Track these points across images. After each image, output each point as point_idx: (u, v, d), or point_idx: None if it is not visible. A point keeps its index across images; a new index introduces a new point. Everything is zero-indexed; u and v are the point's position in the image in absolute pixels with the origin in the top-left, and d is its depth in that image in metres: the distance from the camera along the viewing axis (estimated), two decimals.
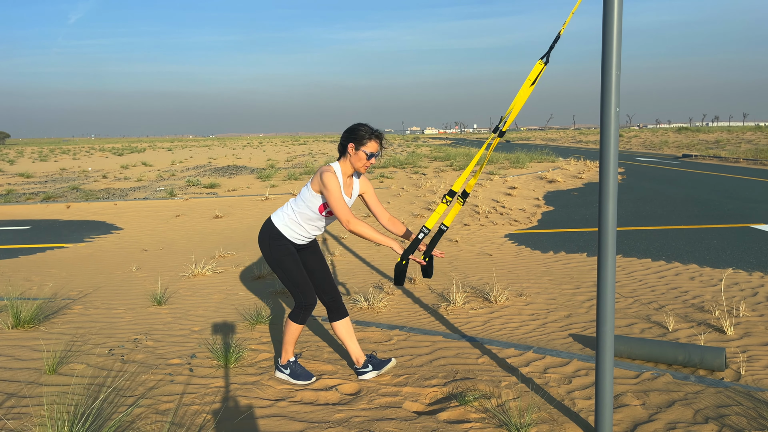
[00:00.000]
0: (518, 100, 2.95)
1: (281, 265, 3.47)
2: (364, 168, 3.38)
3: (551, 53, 2.95)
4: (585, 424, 2.98)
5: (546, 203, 12.56)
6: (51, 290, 6.23)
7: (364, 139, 3.32)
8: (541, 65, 2.90)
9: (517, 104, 2.96)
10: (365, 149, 3.32)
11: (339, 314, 3.65)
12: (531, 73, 2.90)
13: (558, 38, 2.78)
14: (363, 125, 3.35)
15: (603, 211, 2.58)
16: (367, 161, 3.34)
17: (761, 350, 4.07)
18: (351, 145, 3.34)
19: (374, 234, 3.20)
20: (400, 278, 3.18)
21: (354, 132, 3.34)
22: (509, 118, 3.03)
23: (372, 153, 3.33)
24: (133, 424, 3.01)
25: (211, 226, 10.82)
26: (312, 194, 3.40)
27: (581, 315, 5.01)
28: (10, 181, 21.41)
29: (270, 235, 3.49)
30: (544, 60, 2.89)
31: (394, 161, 22.56)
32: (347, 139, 3.35)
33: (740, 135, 42.42)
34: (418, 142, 59.70)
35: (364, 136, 3.32)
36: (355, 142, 3.32)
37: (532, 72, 2.90)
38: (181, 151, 51.31)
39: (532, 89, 2.93)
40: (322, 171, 3.31)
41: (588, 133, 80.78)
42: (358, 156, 3.33)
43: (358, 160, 3.34)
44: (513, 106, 2.98)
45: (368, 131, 3.33)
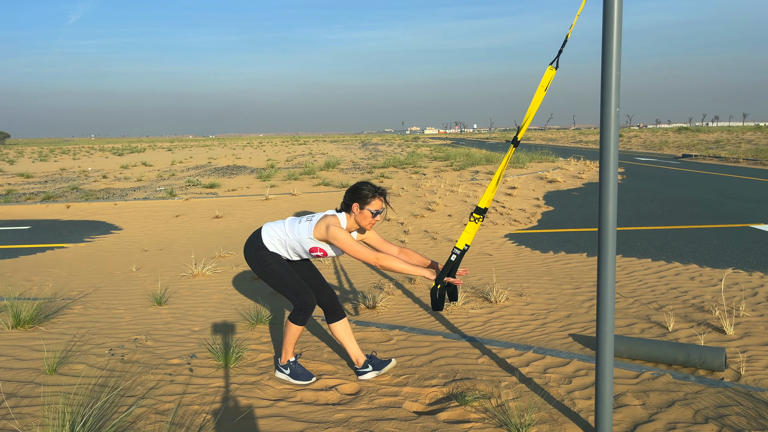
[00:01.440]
0: (533, 107, 2.95)
1: (270, 273, 3.48)
2: (370, 226, 3.40)
3: (560, 58, 2.95)
4: (585, 424, 2.98)
5: (546, 203, 12.56)
6: (51, 290, 6.23)
7: (368, 198, 3.34)
8: (552, 71, 2.90)
9: (531, 111, 2.96)
10: (370, 208, 3.35)
11: (336, 316, 3.66)
12: (543, 80, 2.91)
13: (566, 42, 2.79)
14: (365, 184, 3.38)
15: (603, 211, 2.58)
16: (372, 219, 3.36)
17: (761, 350, 4.07)
18: (356, 205, 3.36)
19: (405, 267, 3.21)
20: (439, 303, 3.18)
21: (358, 192, 3.36)
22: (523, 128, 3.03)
23: (377, 211, 3.36)
24: (133, 424, 3.01)
25: (211, 226, 10.82)
26: (310, 237, 3.41)
27: (581, 315, 5.01)
28: (10, 181, 21.41)
29: (256, 246, 3.52)
30: (554, 65, 2.89)
31: (394, 161, 22.56)
32: (351, 199, 3.37)
33: (740, 135, 42.42)
34: (418, 142, 59.71)
35: (368, 195, 3.34)
36: (360, 202, 3.35)
37: (544, 78, 2.90)
38: (181, 151, 51.31)
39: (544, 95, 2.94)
40: (328, 225, 3.32)
41: (588, 133, 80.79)
42: (364, 215, 3.36)
43: (363, 219, 3.37)
44: (528, 114, 2.98)
45: (371, 190, 3.36)
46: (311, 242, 3.42)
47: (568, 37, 2.79)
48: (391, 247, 3.54)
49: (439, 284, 3.15)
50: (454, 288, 3.22)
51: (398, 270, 3.21)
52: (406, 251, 3.54)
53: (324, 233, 3.34)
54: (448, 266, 3.15)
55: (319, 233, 3.37)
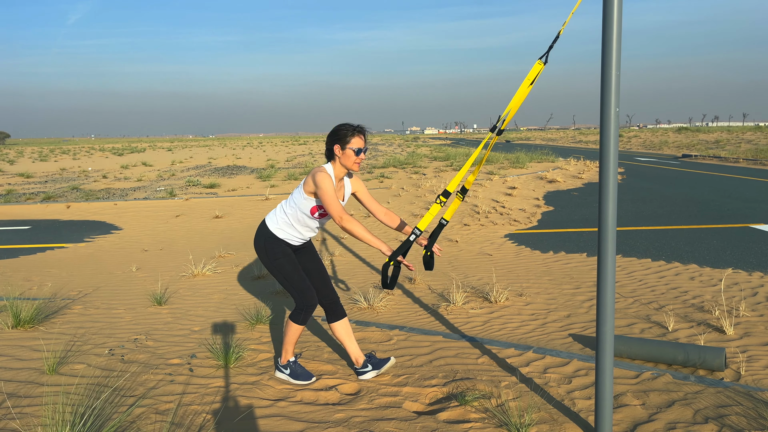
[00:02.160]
0: (516, 99, 2.96)
1: (278, 268, 3.47)
2: (356, 165, 3.37)
3: (550, 53, 2.98)
4: (585, 424, 2.98)
5: (546, 203, 12.56)
6: (51, 290, 6.23)
7: (348, 137, 3.32)
8: (540, 65, 2.90)
9: (515, 104, 2.97)
10: (351, 146, 3.32)
11: (337, 315, 3.65)
12: (530, 73, 2.91)
13: (557, 38, 2.79)
14: (344, 124, 3.37)
15: (603, 211, 2.58)
16: (356, 157, 3.34)
17: (761, 350, 4.07)
18: (336, 147, 3.34)
19: (365, 234, 3.19)
20: (389, 281, 3.17)
21: (336, 133, 3.35)
22: (507, 117, 3.04)
23: (359, 148, 3.34)
24: (133, 424, 3.01)
25: (211, 226, 10.82)
26: (304, 197, 3.40)
27: (581, 315, 5.01)
28: (10, 181, 21.41)
29: (265, 238, 3.50)
30: (543, 60, 2.90)
31: (394, 161, 22.56)
32: (331, 141, 3.36)
33: (740, 135, 42.42)
34: (418, 142, 59.71)
35: (346, 134, 3.33)
36: (340, 143, 3.33)
37: (531, 72, 2.90)
38: (181, 151, 51.30)
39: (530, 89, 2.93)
40: (314, 172, 3.32)
41: (588, 133, 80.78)
42: (347, 155, 3.34)
43: (347, 159, 3.34)
44: (511, 105, 2.98)
45: (350, 128, 3.34)
46: (307, 202, 3.39)
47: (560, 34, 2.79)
48: (378, 207, 3.55)
49: (392, 261, 3.13)
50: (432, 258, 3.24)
51: (357, 236, 3.18)
52: (391, 214, 3.55)
53: (311, 183, 3.32)
54: (405, 246, 3.14)
55: (308, 187, 3.36)
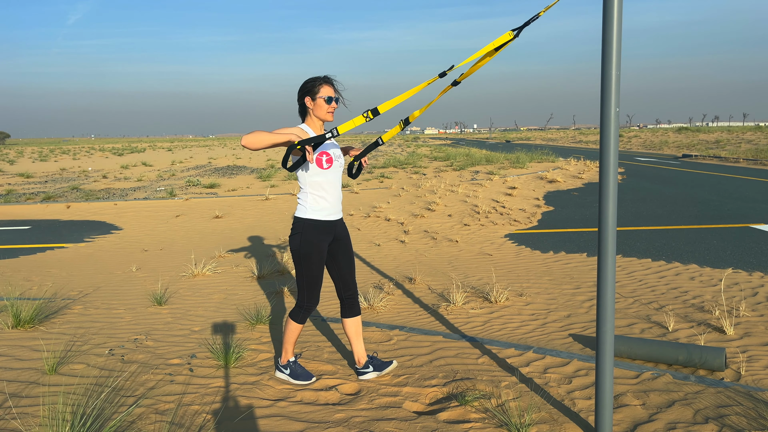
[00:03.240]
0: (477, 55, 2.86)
1: (305, 261, 3.40)
2: (330, 115, 3.35)
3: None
4: (585, 424, 2.98)
5: (546, 203, 12.56)
6: (51, 290, 6.23)
7: (316, 86, 3.32)
8: (509, 35, 2.82)
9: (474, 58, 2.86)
10: (321, 95, 3.31)
11: (353, 312, 3.65)
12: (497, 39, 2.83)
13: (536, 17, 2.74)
14: (310, 78, 3.36)
15: (603, 211, 2.58)
16: (328, 106, 3.33)
17: (761, 350, 4.07)
18: (307, 99, 3.34)
19: (267, 135, 3.07)
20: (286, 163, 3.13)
21: (304, 86, 3.35)
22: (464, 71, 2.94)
23: (330, 96, 3.32)
24: (133, 424, 3.01)
25: (211, 226, 10.82)
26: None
27: (581, 315, 5.01)
28: (10, 181, 21.41)
29: (303, 229, 3.39)
30: (515, 33, 2.83)
31: (394, 161, 22.56)
32: (301, 95, 3.36)
33: (740, 135, 42.42)
34: (418, 142, 59.71)
35: (315, 84, 3.32)
36: (310, 94, 3.33)
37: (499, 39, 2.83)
38: (181, 151, 51.30)
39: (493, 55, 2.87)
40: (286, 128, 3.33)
41: (588, 133, 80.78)
42: (318, 104, 3.32)
43: (320, 109, 3.33)
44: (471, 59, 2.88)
45: (317, 79, 3.34)
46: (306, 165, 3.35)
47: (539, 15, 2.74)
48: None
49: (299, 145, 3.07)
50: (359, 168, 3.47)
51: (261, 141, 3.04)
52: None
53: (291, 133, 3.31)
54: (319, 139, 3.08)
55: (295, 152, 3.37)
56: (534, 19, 2.75)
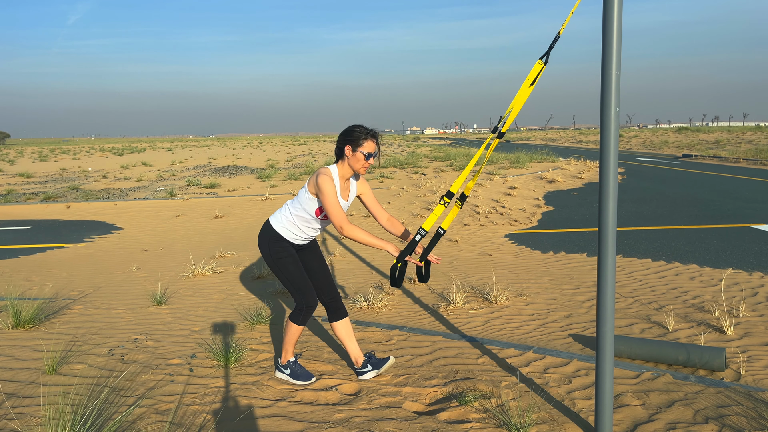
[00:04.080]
0: (518, 100, 2.95)
1: (281, 267, 3.46)
2: (364, 169, 3.35)
3: (551, 53, 2.96)
4: (585, 424, 2.98)
5: (546, 203, 12.56)
6: (51, 290, 6.23)
7: (360, 140, 3.29)
8: (540, 65, 2.90)
9: (516, 104, 2.97)
10: (362, 150, 3.29)
11: (338, 315, 3.65)
12: (530, 73, 2.90)
13: (557, 38, 2.79)
14: (358, 126, 3.33)
15: (603, 211, 2.58)
16: (365, 162, 3.31)
17: (761, 350, 4.07)
18: (348, 147, 3.32)
19: (369, 238, 3.17)
20: (397, 280, 3.17)
21: (350, 134, 3.31)
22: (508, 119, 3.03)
23: (370, 153, 3.31)
24: (133, 424, 3.01)
25: (211, 226, 10.82)
26: (309, 197, 3.38)
27: (581, 315, 5.01)
28: (10, 181, 21.41)
29: (269, 238, 3.49)
30: (543, 60, 2.89)
31: (394, 161, 22.56)
32: (343, 141, 3.33)
33: (740, 135, 42.42)
34: (418, 142, 59.70)
35: (360, 136, 3.29)
36: (352, 144, 3.30)
37: (532, 72, 2.90)
38: (181, 151, 51.31)
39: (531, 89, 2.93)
40: (318, 173, 3.29)
41: (588, 133, 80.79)
42: (356, 157, 3.31)
43: (356, 162, 3.32)
44: (512, 106, 2.98)
45: (364, 131, 3.31)
46: (311, 203, 3.38)
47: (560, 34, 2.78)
48: (382, 212, 3.53)
49: (399, 262, 3.13)
50: (427, 268, 3.24)
51: (361, 240, 3.16)
52: (394, 222, 3.53)
53: (315, 184, 3.30)
54: (411, 246, 3.14)
55: (311, 187, 3.35)
56: (555, 40, 2.79)
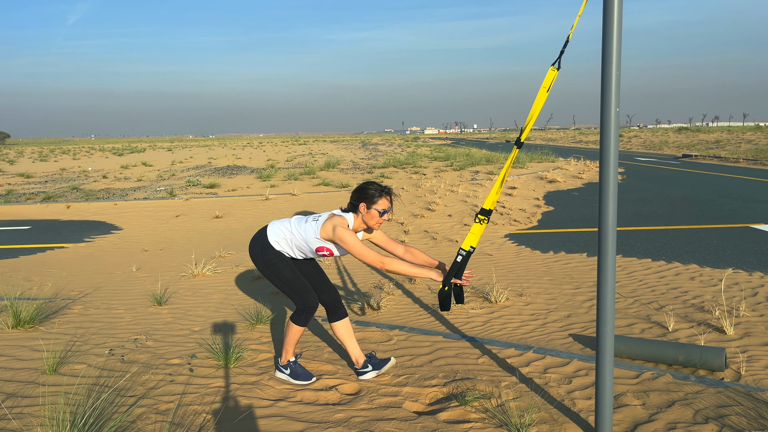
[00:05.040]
0: (535, 108, 2.94)
1: (276, 273, 3.48)
2: (378, 225, 3.41)
3: (562, 58, 2.97)
4: (585, 424, 2.98)
5: (546, 203, 12.56)
6: (51, 290, 6.23)
7: (375, 197, 3.35)
8: (553, 72, 2.89)
9: (534, 112, 2.96)
10: (377, 207, 3.36)
11: (338, 315, 3.65)
12: (545, 81, 2.91)
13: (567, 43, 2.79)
14: (371, 183, 3.40)
15: (603, 211, 2.58)
16: (380, 218, 3.38)
17: (761, 350, 4.07)
18: (362, 205, 3.37)
19: (411, 269, 3.20)
20: (446, 305, 3.21)
21: (364, 192, 3.37)
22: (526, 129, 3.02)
23: (384, 210, 3.37)
24: (133, 424, 3.01)
25: (211, 226, 10.82)
26: (317, 236, 3.41)
27: (581, 315, 5.01)
28: (10, 181, 21.41)
29: (261, 245, 3.51)
30: (555, 66, 2.89)
31: (394, 161, 22.56)
32: (358, 199, 3.38)
33: (740, 135, 42.42)
34: (418, 142, 59.71)
35: (374, 194, 3.35)
36: (367, 202, 3.36)
37: (546, 79, 2.91)
38: (181, 151, 51.31)
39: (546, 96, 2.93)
40: (335, 225, 3.31)
41: (588, 133, 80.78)
42: (371, 215, 3.37)
43: (371, 219, 3.38)
44: (531, 115, 2.97)
45: (377, 189, 3.37)
46: (318, 242, 3.42)
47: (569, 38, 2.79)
48: (396, 246, 3.53)
49: (446, 286, 3.16)
50: (460, 290, 3.24)
51: (405, 273, 3.21)
52: (412, 250, 3.52)
53: (330, 234, 3.34)
54: (455, 267, 3.16)
55: (325, 233, 3.37)
56: (566, 45, 2.80)
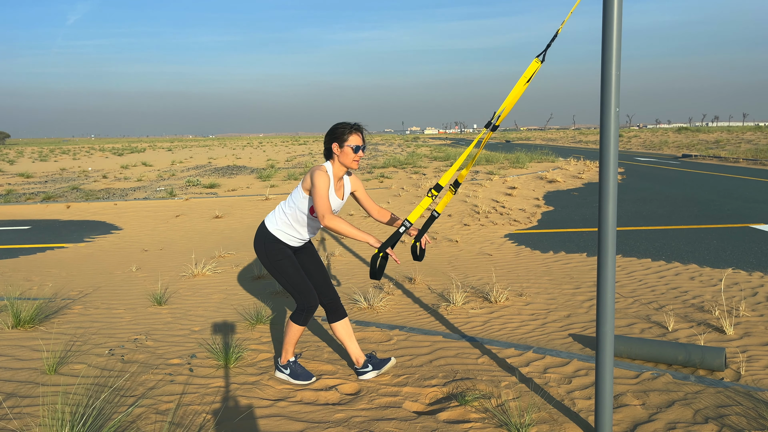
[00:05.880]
0: (512, 96, 2.95)
1: (279, 270, 3.47)
2: (355, 163, 3.39)
3: (548, 52, 2.97)
4: (585, 424, 2.98)
5: (546, 203, 12.56)
6: (51, 290, 6.23)
7: (345, 135, 3.35)
8: (537, 63, 2.89)
9: (510, 100, 2.96)
10: (349, 144, 3.35)
11: (338, 315, 3.66)
12: (526, 71, 2.90)
13: (555, 37, 2.78)
14: (341, 123, 3.40)
15: (603, 211, 2.58)
16: (355, 155, 3.36)
17: (761, 350, 4.07)
18: (335, 145, 3.37)
19: (350, 229, 3.16)
20: (377, 272, 3.18)
21: (333, 132, 3.38)
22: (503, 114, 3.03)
23: (357, 146, 3.36)
24: (133, 424, 3.01)
25: (211, 226, 10.82)
26: (302, 196, 3.41)
27: (581, 315, 5.01)
28: (10, 181, 21.41)
29: (265, 240, 3.50)
30: (540, 58, 2.89)
31: (394, 161, 22.56)
32: (329, 140, 3.39)
33: (740, 135, 42.41)
34: (418, 142, 59.70)
35: (344, 132, 3.36)
36: (338, 141, 3.36)
37: (528, 70, 2.90)
38: (181, 151, 51.30)
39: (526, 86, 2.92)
40: (313, 170, 3.33)
41: (588, 133, 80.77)
42: (345, 152, 3.36)
43: (346, 157, 3.37)
44: (507, 102, 2.97)
45: (347, 126, 3.37)
46: (305, 201, 3.41)
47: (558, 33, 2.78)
48: (373, 205, 3.58)
49: (381, 252, 3.13)
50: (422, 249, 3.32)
51: (343, 232, 3.16)
52: (383, 211, 3.61)
53: (309, 180, 3.33)
54: (394, 237, 3.15)
55: (306, 184, 3.37)
56: (553, 39, 2.79)
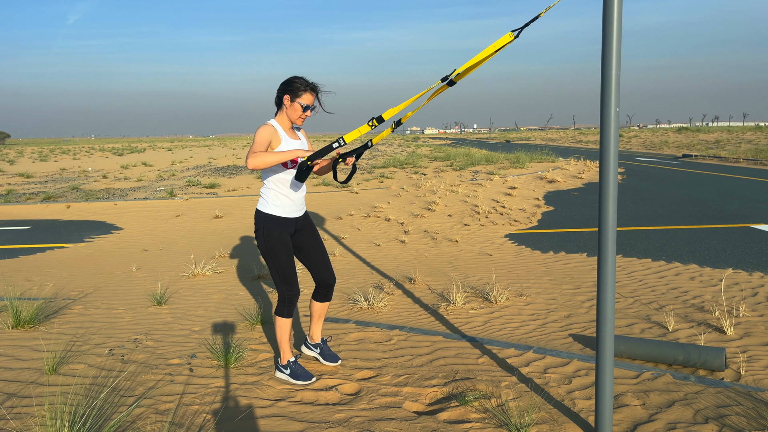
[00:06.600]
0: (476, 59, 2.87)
1: (273, 256, 3.45)
2: (300, 120, 3.36)
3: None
4: (585, 424, 2.98)
5: (546, 203, 12.56)
6: (51, 290, 6.23)
7: (299, 91, 3.31)
8: (510, 37, 2.82)
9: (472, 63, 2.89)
10: (300, 101, 3.31)
11: (325, 298, 3.76)
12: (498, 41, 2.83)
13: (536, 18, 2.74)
14: (299, 77, 3.34)
15: (603, 211, 2.58)
16: (302, 113, 3.34)
17: (761, 350, 4.07)
18: (287, 97, 3.33)
19: (274, 155, 3.08)
20: (302, 175, 3.14)
21: (290, 84, 3.33)
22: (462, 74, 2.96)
23: (307, 105, 3.33)
24: (133, 424, 3.01)
25: (211, 226, 10.82)
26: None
27: (581, 315, 5.01)
28: (10, 181, 21.41)
29: (264, 224, 3.45)
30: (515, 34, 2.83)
31: (394, 161, 22.56)
32: (283, 90, 3.34)
33: (740, 135, 42.41)
34: (418, 142, 59.70)
35: (299, 87, 3.31)
36: (291, 94, 3.32)
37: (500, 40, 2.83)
38: (181, 151, 51.30)
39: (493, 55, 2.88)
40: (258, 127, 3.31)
41: (588, 133, 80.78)
42: (294, 108, 3.33)
43: (293, 112, 3.34)
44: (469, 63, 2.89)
45: (304, 83, 3.33)
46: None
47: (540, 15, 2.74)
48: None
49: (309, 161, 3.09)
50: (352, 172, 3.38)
51: (270, 162, 3.06)
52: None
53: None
54: (326, 150, 3.09)
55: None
56: (534, 20, 2.75)
